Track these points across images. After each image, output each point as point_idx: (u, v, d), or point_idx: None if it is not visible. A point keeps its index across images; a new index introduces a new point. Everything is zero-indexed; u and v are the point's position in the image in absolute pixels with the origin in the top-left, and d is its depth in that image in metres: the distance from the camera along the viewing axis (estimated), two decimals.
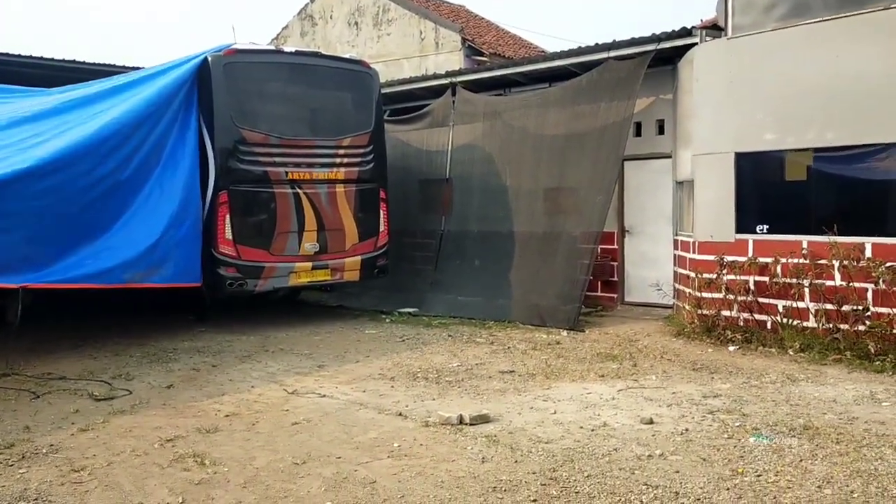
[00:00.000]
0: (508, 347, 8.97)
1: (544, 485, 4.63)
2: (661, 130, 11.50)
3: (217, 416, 6.25)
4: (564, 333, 9.80)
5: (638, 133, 11.66)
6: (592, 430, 5.70)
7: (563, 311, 10.32)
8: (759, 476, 4.73)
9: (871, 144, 8.34)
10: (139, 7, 63.13)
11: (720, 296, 9.31)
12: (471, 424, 5.82)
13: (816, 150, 8.81)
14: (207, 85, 9.80)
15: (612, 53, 10.98)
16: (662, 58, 10.74)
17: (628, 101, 10.55)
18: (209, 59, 9.84)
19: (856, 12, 8.40)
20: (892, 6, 8.14)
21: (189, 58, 9.95)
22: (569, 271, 10.69)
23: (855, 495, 4.41)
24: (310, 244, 10.50)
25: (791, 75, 8.87)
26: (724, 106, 9.51)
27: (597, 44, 11.33)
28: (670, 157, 11.23)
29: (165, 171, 9.36)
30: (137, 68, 12.02)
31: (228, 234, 9.83)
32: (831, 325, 8.28)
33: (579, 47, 11.78)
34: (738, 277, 9.16)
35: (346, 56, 12.00)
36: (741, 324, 9.14)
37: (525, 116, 12.06)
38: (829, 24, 8.59)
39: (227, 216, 9.83)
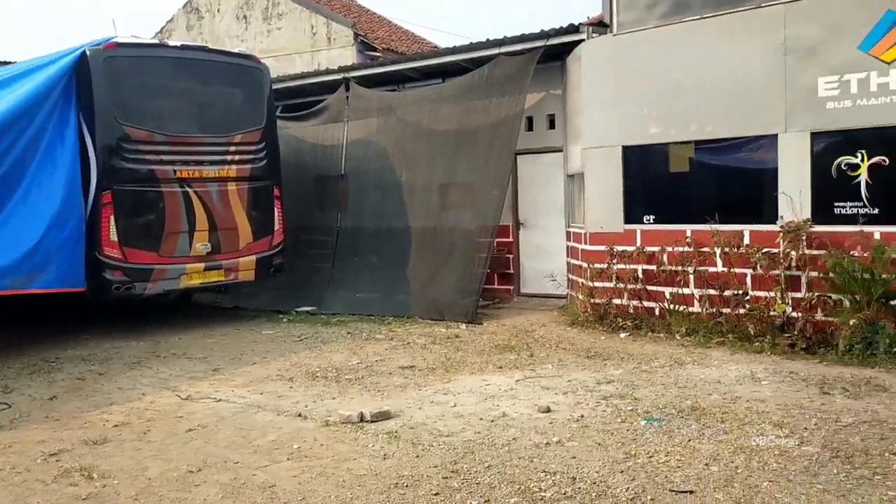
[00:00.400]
0: (408, 343, 8.98)
1: (446, 478, 4.66)
2: (552, 125, 11.77)
3: (105, 426, 5.97)
4: (463, 327, 9.90)
5: (530, 128, 11.89)
6: (492, 421, 5.78)
7: (462, 304, 10.43)
8: (651, 457, 4.92)
9: (746, 136, 8.80)
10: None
11: (611, 285, 9.63)
12: (372, 422, 5.79)
13: (698, 142, 9.23)
14: (87, 80, 9.32)
15: (503, 49, 11.14)
16: (552, 54, 10.98)
17: (519, 97, 10.75)
18: (87, 52, 9.35)
19: (731, 10, 8.84)
20: (763, 5, 8.60)
21: (66, 52, 9.44)
22: (466, 265, 10.81)
23: (739, 470, 4.65)
24: (201, 244, 10.16)
25: (673, 70, 9.25)
26: (611, 100, 9.83)
27: (488, 40, 11.47)
28: (561, 150, 11.52)
29: (44, 171, 8.85)
30: (8, 63, 11.32)
31: (113, 236, 9.40)
32: (714, 310, 8.72)
33: (470, 43, 11.88)
34: (627, 266, 9.50)
35: (236, 51, 11.69)
36: (631, 311, 9.49)
37: (419, 112, 12.09)
38: (707, 21, 9.01)
39: (112, 217, 9.39)
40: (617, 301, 9.57)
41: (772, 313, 8.20)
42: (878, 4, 7.70)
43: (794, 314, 8.07)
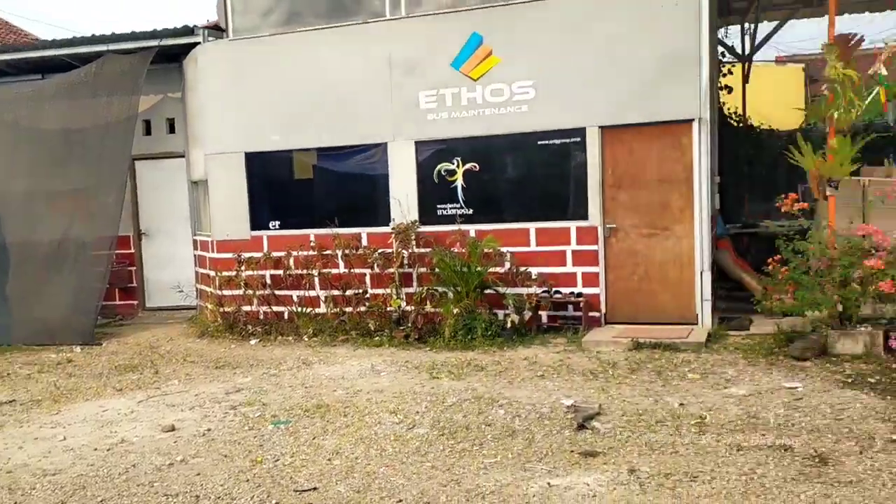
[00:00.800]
0: (8, 374, 7.93)
1: None
2: (172, 129, 11.26)
3: None
4: (78, 349, 9.04)
5: (148, 131, 11.26)
6: (108, 450, 5.36)
7: (77, 324, 9.52)
8: (276, 461, 4.98)
9: (361, 145, 9.32)
10: None
11: (240, 292, 9.55)
12: None
13: (318, 150, 9.55)
14: None
15: (112, 47, 10.37)
16: (169, 55, 10.49)
17: (132, 98, 10.09)
18: None
19: (342, 24, 9.29)
20: (370, 21, 9.18)
21: None
22: (81, 281, 9.88)
23: (359, 460, 4.93)
24: None
25: (291, 79, 9.44)
26: (231, 106, 9.72)
27: (94, 35, 10.61)
28: (184, 156, 11.08)
29: None
30: None
31: None
32: (338, 309, 9.14)
33: (75, 37, 10.87)
34: (255, 273, 9.50)
35: None
36: (262, 317, 9.52)
37: (16, 110, 10.76)
38: (322, 32, 9.34)
39: None
40: (247, 308, 9.53)
41: (389, 309, 8.84)
42: (466, 26, 8.69)
43: (409, 308, 8.79)
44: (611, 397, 6.03)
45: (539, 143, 8.56)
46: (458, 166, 8.85)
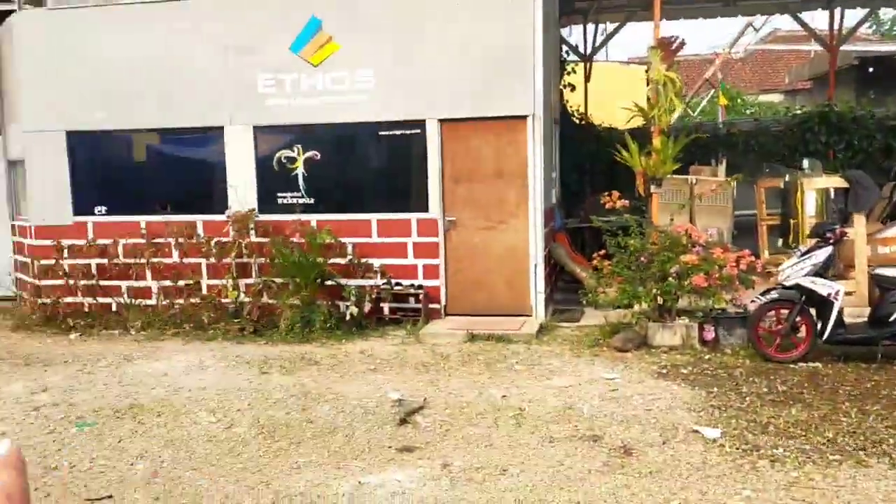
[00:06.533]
0: None
1: None
2: None
3: None
4: None
5: None
6: None
7: None
8: (73, 467, 4.64)
9: (194, 128, 8.85)
10: None
11: (61, 282, 8.88)
12: None
13: (150, 131, 8.99)
14: None
15: None
16: None
17: None
18: None
19: None
20: None
21: None
22: None
23: (165, 464, 4.67)
24: None
25: (116, 55, 8.76)
26: (52, 81, 8.96)
27: None
28: (0, 133, 10.18)
29: None
30: None
31: None
32: (170, 301, 8.66)
33: None
34: (78, 261, 8.86)
35: None
36: (86, 309, 8.89)
37: None
38: (147, 6, 8.71)
39: None
40: (69, 299, 8.87)
41: (224, 300, 8.47)
42: (304, 9, 8.36)
43: (247, 299, 8.45)
44: (438, 390, 6.03)
45: (380, 133, 8.43)
46: (298, 154, 8.57)
